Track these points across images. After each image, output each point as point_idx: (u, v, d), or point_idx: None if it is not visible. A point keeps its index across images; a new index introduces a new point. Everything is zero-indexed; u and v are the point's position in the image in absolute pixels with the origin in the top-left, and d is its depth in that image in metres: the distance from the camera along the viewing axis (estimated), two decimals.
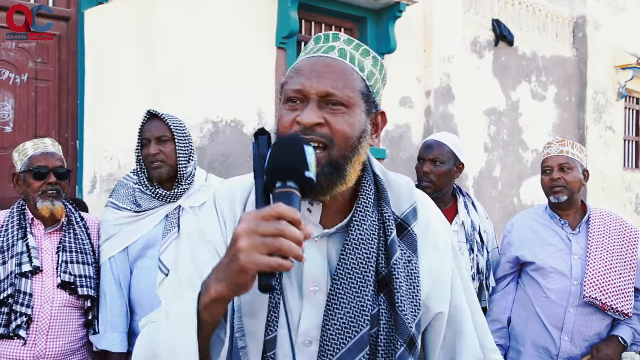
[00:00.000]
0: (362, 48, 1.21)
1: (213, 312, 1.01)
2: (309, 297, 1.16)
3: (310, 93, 1.13)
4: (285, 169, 1.02)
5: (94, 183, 4.96)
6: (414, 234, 1.22)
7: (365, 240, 1.16)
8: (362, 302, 1.12)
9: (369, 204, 1.19)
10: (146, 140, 2.50)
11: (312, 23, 6.28)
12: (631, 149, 10.57)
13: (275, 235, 0.91)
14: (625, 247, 2.59)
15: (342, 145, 1.12)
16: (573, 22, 9.09)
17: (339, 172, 1.13)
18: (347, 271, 1.14)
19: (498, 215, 7.70)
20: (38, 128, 4.84)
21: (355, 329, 1.11)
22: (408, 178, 1.32)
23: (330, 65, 1.15)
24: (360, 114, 1.16)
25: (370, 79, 1.19)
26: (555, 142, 2.72)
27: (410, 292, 1.17)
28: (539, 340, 2.62)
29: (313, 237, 1.18)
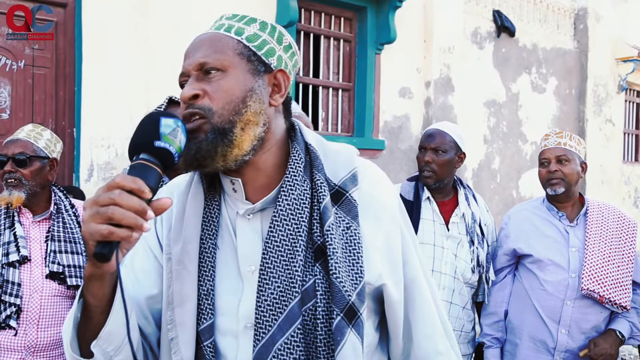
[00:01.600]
0: (246, 18, 1.20)
1: (92, 292, 1.02)
2: (247, 279, 1.13)
3: (189, 70, 1.14)
4: (137, 141, 1.02)
5: (91, 171, 4.93)
6: (352, 199, 1.17)
7: (294, 210, 1.12)
8: (292, 274, 1.09)
9: (298, 173, 1.15)
10: None
11: (311, 12, 6.24)
12: (631, 142, 10.55)
13: (108, 204, 0.91)
14: (623, 239, 2.58)
15: (222, 111, 1.10)
16: (574, 13, 9.04)
17: (223, 135, 1.10)
18: (276, 244, 1.10)
19: (497, 207, 7.69)
20: (35, 115, 4.81)
21: (285, 304, 1.08)
22: (352, 147, 1.27)
23: (203, 39, 1.17)
24: (241, 75, 1.13)
25: (254, 40, 1.17)
26: (553, 134, 2.70)
27: (350, 259, 1.11)
28: (536, 333, 2.61)
29: (243, 214, 1.16)
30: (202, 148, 1.09)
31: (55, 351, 2.34)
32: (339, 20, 6.50)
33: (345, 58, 6.58)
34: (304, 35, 6.19)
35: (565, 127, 8.78)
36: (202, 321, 1.11)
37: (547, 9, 8.65)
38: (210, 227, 1.17)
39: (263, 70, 1.16)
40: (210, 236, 1.16)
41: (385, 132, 6.64)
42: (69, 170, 5.01)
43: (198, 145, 1.09)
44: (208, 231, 1.16)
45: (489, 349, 2.73)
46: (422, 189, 2.68)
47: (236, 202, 1.19)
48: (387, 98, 6.65)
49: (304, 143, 1.22)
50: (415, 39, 6.84)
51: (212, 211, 1.18)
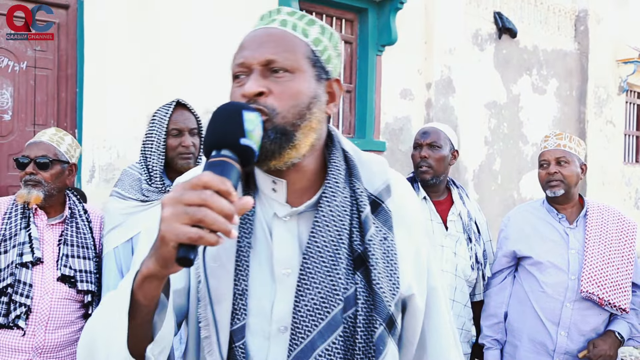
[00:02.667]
0: (307, 18, 1.17)
1: (146, 292, 0.95)
2: (281, 281, 1.11)
3: (252, 64, 1.09)
4: (218, 136, 0.95)
5: (92, 172, 4.94)
6: (388, 210, 1.17)
7: (336, 217, 1.11)
8: (334, 281, 1.07)
9: (339, 180, 1.14)
10: (177, 131, 2.46)
11: (312, 13, 6.24)
12: (632, 144, 10.55)
13: (198, 205, 0.83)
14: (623, 241, 2.58)
15: (287, 114, 1.07)
16: (575, 15, 9.05)
17: (286, 137, 1.06)
18: (318, 250, 1.09)
19: (498, 208, 7.69)
20: (37, 116, 4.82)
21: (327, 310, 1.06)
22: (382, 157, 1.27)
23: (271, 34, 1.12)
24: (308, 79, 1.11)
25: (317, 44, 1.14)
26: (553, 135, 2.70)
27: (388, 269, 1.12)
28: (535, 335, 2.62)
29: (281, 216, 1.14)
30: (266, 146, 1.05)
31: (62, 352, 2.35)
32: (340, 22, 6.51)
33: (347, 59, 6.59)
34: None
35: (566, 128, 8.78)
36: (236, 321, 1.08)
37: (548, 10, 8.66)
38: (245, 225, 1.13)
39: (324, 77, 1.15)
40: (245, 235, 1.12)
41: (386, 133, 6.65)
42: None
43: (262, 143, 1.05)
44: (244, 230, 1.13)
45: (489, 350, 2.73)
46: (417, 189, 2.71)
47: (273, 202, 1.16)
48: (388, 99, 6.65)
49: (341, 150, 1.21)
50: (416, 40, 6.85)
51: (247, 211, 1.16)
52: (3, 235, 2.31)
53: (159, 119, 2.48)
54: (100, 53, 4.87)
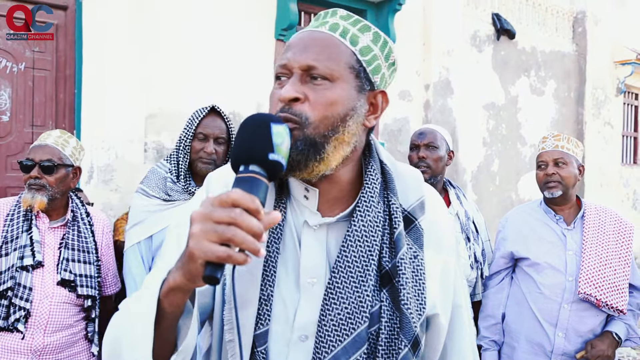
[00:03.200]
0: (361, 23, 1.13)
1: (172, 301, 0.95)
2: (306, 290, 1.10)
3: (293, 67, 1.07)
4: (246, 151, 0.93)
5: (91, 173, 4.94)
6: (420, 228, 1.15)
7: (368, 232, 1.09)
8: (362, 297, 1.06)
9: (375, 194, 1.12)
10: (203, 135, 2.48)
11: (311, 15, 6.25)
12: (630, 145, 10.56)
13: (227, 223, 0.83)
14: (620, 242, 2.59)
15: (319, 124, 1.05)
16: (573, 17, 9.06)
17: (315, 150, 1.05)
18: (348, 264, 1.07)
19: (496, 209, 7.70)
20: (35, 117, 4.82)
21: (353, 326, 1.05)
22: (418, 170, 1.25)
23: (316, 38, 1.09)
24: (347, 90, 1.08)
25: (365, 53, 1.11)
26: (551, 136, 2.71)
27: (416, 289, 1.10)
28: (533, 336, 2.62)
29: (312, 225, 1.12)
30: (293, 158, 1.03)
31: (61, 354, 2.35)
32: None
33: None
34: None
35: (564, 129, 8.79)
36: (259, 326, 1.07)
37: (546, 12, 8.67)
38: (275, 231, 1.11)
39: (368, 88, 1.12)
40: (275, 241, 1.11)
41: (385, 134, 6.66)
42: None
43: (290, 155, 1.02)
44: (273, 235, 1.11)
45: (487, 351, 2.74)
46: None
47: (304, 210, 1.14)
48: None
49: (379, 161, 1.18)
50: (415, 42, 6.86)
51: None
52: (4, 238, 2.31)
53: (190, 121, 2.51)
54: (99, 54, 4.87)
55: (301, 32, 1.12)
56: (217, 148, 2.49)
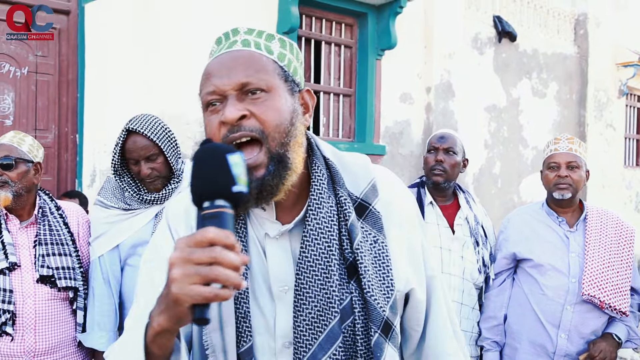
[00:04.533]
0: (265, 34, 1.16)
1: (160, 344, 0.96)
2: (280, 298, 1.12)
3: (225, 90, 1.08)
4: (209, 187, 0.91)
5: (93, 177, 4.96)
6: (376, 212, 1.17)
7: (324, 229, 1.11)
8: (329, 293, 1.08)
9: (323, 190, 1.14)
10: (134, 160, 2.42)
11: (312, 18, 6.27)
12: (632, 147, 10.56)
13: (209, 264, 0.83)
14: (622, 245, 2.60)
15: (274, 134, 1.06)
16: (574, 19, 9.07)
17: (283, 163, 1.06)
18: (309, 264, 1.09)
19: (498, 212, 7.70)
20: (38, 122, 4.84)
21: (325, 323, 1.08)
22: (364, 156, 1.26)
23: (237, 57, 1.10)
24: (284, 95, 1.10)
25: (282, 59, 1.14)
26: (564, 139, 2.72)
27: (381, 273, 1.12)
28: (535, 338, 2.63)
29: (273, 236, 1.14)
30: (266, 184, 1.05)
31: (55, 355, 2.36)
32: (340, 27, 6.53)
33: (346, 64, 6.60)
34: (305, 42, 6.22)
35: (565, 132, 8.79)
36: (242, 344, 1.08)
37: (547, 14, 8.68)
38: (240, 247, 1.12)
39: (296, 90, 1.15)
40: None
41: (386, 137, 6.66)
42: (71, 176, 5.04)
43: (261, 183, 1.05)
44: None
45: (488, 352, 2.74)
46: (424, 194, 2.73)
47: (264, 221, 1.15)
48: (388, 103, 6.67)
49: (322, 157, 1.20)
50: (416, 44, 6.87)
51: (239, 232, 1.15)
52: None
53: (114, 147, 2.45)
54: (101, 58, 4.89)
55: (216, 58, 1.13)
56: (152, 165, 2.41)
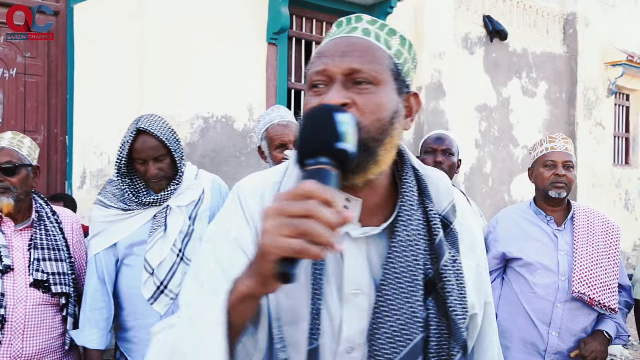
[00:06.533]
0: (387, 28, 1.12)
1: (241, 312, 0.92)
2: (349, 301, 1.08)
3: (334, 73, 1.03)
4: (312, 143, 0.90)
5: (83, 179, 4.94)
6: (455, 232, 1.14)
7: (412, 241, 1.08)
8: (413, 307, 1.05)
9: (414, 201, 1.11)
10: (141, 160, 2.39)
11: (303, 18, 6.27)
12: (621, 146, 10.63)
13: (302, 216, 0.80)
14: (608, 243, 2.63)
15: (371, 128, 1.02)
16: (563, 18, 9.12)
17: (370, 153, 1.02)
18: (396, 274, 1.05)
19: (489, 211, 7.73)
20: (27, 123, 4.81)
21: (408, 336, 1.04)
22: (444, 173, 1.23)
23: (354, 43, 1.06)
24: (390, 93, 1.06)
25: (399, 57, 1.10)
26: (560, 138, 2.74)
27: (458, 293, 1.10)
28: (527, 336, 2.64)
29: (355, 236, 1.10)
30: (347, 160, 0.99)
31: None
32: (330, 26, 6.53)
33: None
34: (296, 42, 6.22)
35: (555, 130, 8.84)
36: (312, 341, 1.04)
37: (537, 14, 8.73)
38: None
39: (405, 91, 1.11)
40: None
41: None
42: (61, 178, 5.02)
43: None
44: None
45: None
46: None
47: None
48: None
49: (411, 167, 1.16)
50: None
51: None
52: None
53: (121, 146, 2.41)
54: (90, 59, 4.87)
55: (333, 38, 1.10)
56: (159, 166, 2.40)
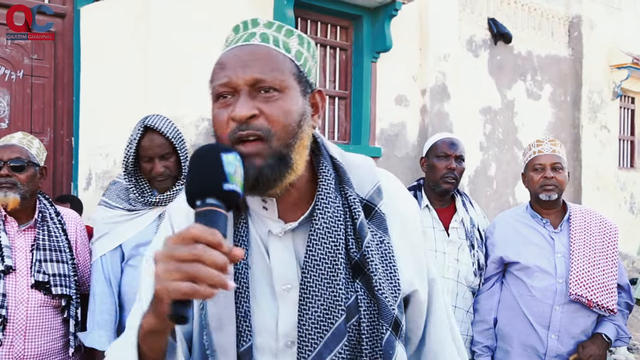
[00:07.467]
0: (284, 28, 1.15)
1: (151, 345, 0.96)
2: (282, 297, 1.12)
3: (238, 84, 1.06)
4: (200, 184, 0.92)
5: (89, 180, 4.97)
6: (381, 213, 1.18)
7: (331, 229, 1.11)
8: (335, 292, 1.08)
9: (331, 190, 1.14)
10: (147, 158, 2.42)
11: (307, 21, 6.29)
12: (626, 149, 10.60)
13: (190, 261, 0.83)
14: (606, 243, 2.63)
15: (281, 134, 1.06)
16: (568, 21, 9.11)
17: (284, 161, 1.06)
18: (316, 263, 1.09)
19: (493, 214, 7.72)
20: (33, 125, 4.85)
21: (331, 321, 1.08)
22: (369, 158, 1.27)
23: (255, 52, 1.09)
24: (296, 97, 1.09)
25: (299, 58, 1.13)
26: (547, 141, 2.76)
27: (388, 273, 1.13)
28: (526, 340, 2.64)
29: (276, 233, 1.14)
30: (263, 174, 1.04)
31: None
32: (335, 29, 6.56)
33: (342, 66, 6.63)
34: None
35: (560, 133, 8.83)
36: (242, 343, 1.08)
37: (542, 16, 8.72)
38: (240, 245, 1.13)
39: (309, 91, 1.14)
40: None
41: (382, 139, 6.68)
42: (67, 179, 5.04)
43: (259, 172, 1.04)
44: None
45: (480, 357, 2.74)
46: (420, 197, 2.74)
47: (266, 220, 1.15)
48: (384, 106, 6.69)
49: (329, 157, 1.20)
50: (411, 47, 6.90)
51: (240, 230, 1.14)
52: None
53: (128, 143, 2.44)
54: (96, 61, 4.90)
55: (232, 49, 1.11)
56: (165, 164, 2.43)
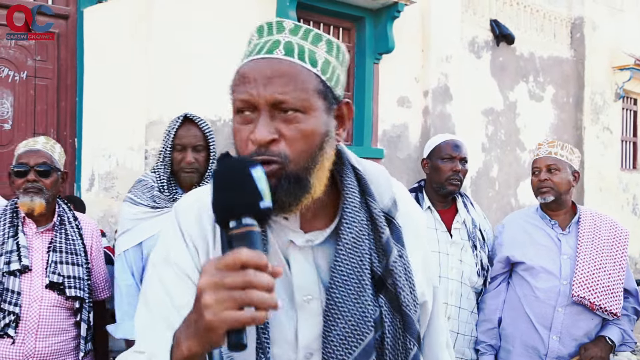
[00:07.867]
0: (312, 34, 1.07)
1: None
2: (302, 308, 1.09)
3: (259, 103, 1.01)
4: (235, 205, 0.87)
5: (92, 181, 4.97)
6: (398, 226, 1.15)
7: (358, 244, 1.08)
8: (363, 307, 1.06)
9: (356, 203, 1.11)
10: (181, 146, 2.48)
11: (310, 22, 6.29)
12: (629, 150, 10.59)
13: (243, 288, 0.81)
14: (615, 247, 2.62)
15: (299, 159, 1.02)
16: (571, 22, 9.11)
17: (300, 185, 1.02)
18: (344, 277, 1.06)
19: (495, 215, 7.72)
20: (37, 126, 4.85)
21: (360, 337, 1.05)
22: (382, 167, 1.23)
23: (278, 68, 1.02)
24: (319, 116, 1.04)
25: (326, 70, 1.06)
26: (545, 143, 2.78)
27: (409, 287, 1.11)
28: (528, 340, 2.64)
29: (299, 244, 1.10)
30: (281, 198, 1.01)
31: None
32: (338, 31, 6.56)
33: None
34: None
35: (562, 135, 8.82)
36: (261, 356, 1.04)
37: (544, 18, 8.72)
38: None
39: (334, 106, 1.09)
40: None
41: (384, 141, 6.69)
42: (70, 180, 5.05)
43: (276, 196, 0.99)
44: None
45: (484, 355, 2.75)
46: (422, 199, 2.74)
47: (286, 230, 1.11)
48: (386, 107, 6.70)
49: (351, 167, 1.16)
50: (414, 48, 6.90)
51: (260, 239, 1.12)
52: None
53: (166, 133, 2.52)
54: (99, 62, 4.90)
55: (256, 61, 1.05)
56: (196, 156, 2.49)
